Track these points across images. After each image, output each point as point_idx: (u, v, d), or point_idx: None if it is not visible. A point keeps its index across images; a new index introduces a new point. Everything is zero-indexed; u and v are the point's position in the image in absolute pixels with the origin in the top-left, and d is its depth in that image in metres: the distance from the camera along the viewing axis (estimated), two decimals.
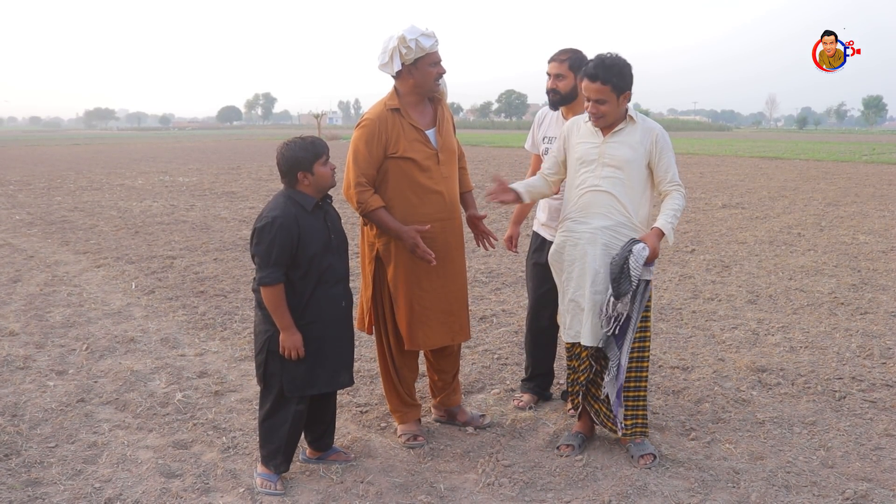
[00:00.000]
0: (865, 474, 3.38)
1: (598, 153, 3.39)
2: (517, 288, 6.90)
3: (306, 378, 3.20)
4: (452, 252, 3.65)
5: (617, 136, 3.39)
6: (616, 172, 3.36)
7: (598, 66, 3.28)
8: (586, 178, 3.40)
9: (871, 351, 5.10)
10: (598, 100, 3.30)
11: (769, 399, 4.27)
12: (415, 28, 3.41)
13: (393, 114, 3.51)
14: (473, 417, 3.92)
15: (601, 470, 3.42)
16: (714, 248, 9.01)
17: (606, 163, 3.37)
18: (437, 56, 3.49)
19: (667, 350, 5.13)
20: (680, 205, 3.41)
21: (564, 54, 3.88)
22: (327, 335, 3.24)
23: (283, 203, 3.14)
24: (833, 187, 16.39)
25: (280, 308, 3.10)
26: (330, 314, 3.24)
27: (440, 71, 3.51)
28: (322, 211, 3.24)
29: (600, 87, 3.28)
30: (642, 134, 3.39)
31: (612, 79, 3.27)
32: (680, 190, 3.44)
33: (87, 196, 14.72)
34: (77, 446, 3.65)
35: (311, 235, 3.14)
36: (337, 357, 3.30)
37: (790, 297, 6.57)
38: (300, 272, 3.14)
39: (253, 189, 16.01)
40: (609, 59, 3.31)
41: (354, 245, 7.28)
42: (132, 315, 6.01)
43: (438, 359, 3.84)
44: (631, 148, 3.37)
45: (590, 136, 3.45)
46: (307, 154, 3.14)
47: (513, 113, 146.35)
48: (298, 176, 3.15)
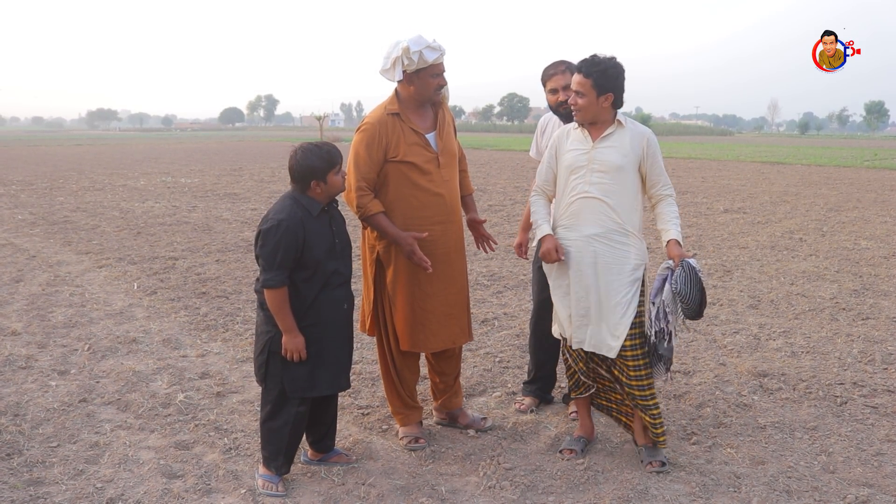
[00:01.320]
0: (867, 480, 3.38)
1: (588, 159, 3.39)
2: (519, 291, 6.91)
3: (307, 379, 3.21)
4: (453, 255, 3.66)
5: (606, 141, 3.39)
6: (606, 178, 3.35)
7: (585, 60, 3.36)
8: (576, 185, 3.41)
9: (873, 356, 5.10)
10: (577, 91, 3.35)
11: (770, 404, 4.27)
12: (421, 39, 3.42)
13: (393, 118, 3.52)
14: (475, 420, 3.92)
15: (602, 474, 3.42)
16: (716, 252, 9.01)
17: (596, 168, 3.37)
18: (439, 68, 3.50)
19: None
20: (676, 211, 3.46)
21: (562, 65, 3.92)
22: (329, 337, 3.24)
23: (290, 206, 3.15)
24: (835, 192, 16.39)
25: (283, 310, 3.11)
26: (332, 316, 3.24)
27: (441, 82, 3.53)
28: (327, 215, 3.24)
29: (581, 80, 3.33)
30: (632, 138, 3.39)
31: (593, 73, 3.30)
32: (672, 194, 3.47)
33: (90, 196, 14.74)
34: (79, 446, 3.65)
35: (316, 239, 3.14)
36: (338, 359, 3.31)
37: (792, 302, 6.57)
38: (304, 275, 3.14)
39: (255, 191, 16.03)
40: (600, 57, 3.35)
41: (356, 247, 7.31)
42: (134, 316, 6.02)
43: (439, 361, 3.85)
44: (621, 153, 3.37)
45: (579, 142, 3.46)
46: (323, 164, 3.14)
47: (515, 116, 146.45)
48: (311, 184, 3.16)
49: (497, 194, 15.27)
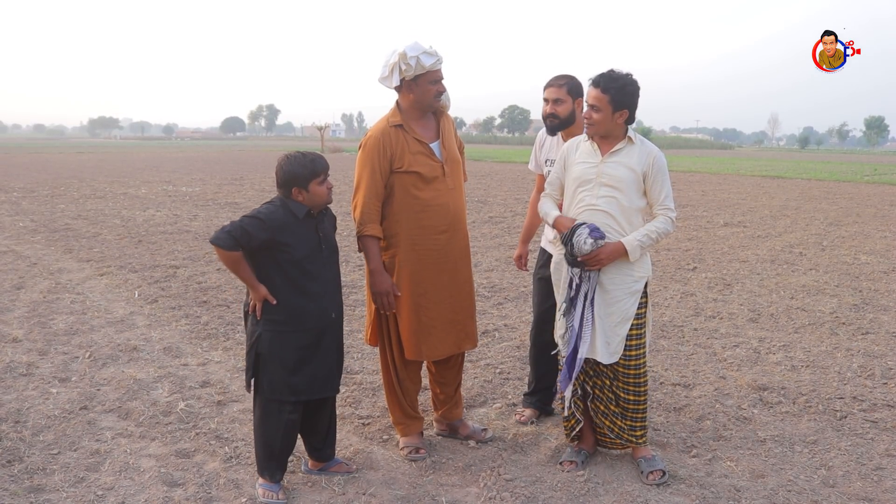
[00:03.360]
0: (866, 494, 3.38)
1: (596, 173, 3.41)
2: (519, 303, 6.92)
3: (285, 383, 3.20)
4: (459, 263, 3.68)
5: (615, 157, 3.42)
6: (613, 192, 3.38)
7: (603, 75, 3.36)
8: (584, 198, 3.43)
9: (873, 371, 5.10)
10: (593, 105, 3.36)
11: (770, 417, 4.28)
12: (417, 45, 3.44)
13: (396, 129, 3.54)
14: (475, 431, 3.93)
15: (602, 486, 3.42)
16: (716, 266, 9.03)
17: (604, 182, 3.39)
18: (437, 74, 3.51)
19: (668, 367, 5.14)
20: (659, 227, 3.40)
21: (562, 79, 3.91)
22: (314, 344, 3.24)
23: (275, 208, 3.17)
24: (835, 207, 16.42)
25: (238, 267, 3.11)
26: (316, 323, 3.24)
27: (440, 89, 3.54)
28: (314, 220, 3.25)
29: (598, 94, 3.34)
30: (640, 156, 3.41)
31: (611, 90, 3.32)
32: (668, 215, 3.42)
33: (91, 204, 14.76)
34: (80, 454, 3.65)
35: (298, 241, 3.16)
36: (324, 365, 3.30)
37: (791, 316, 6.58)
38: (285, 277, 3.16)
39: (256, 200, 16.04)
40: (617, 73, 3.36)
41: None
42: (135, 324, 6.03)
43: (441, 370, 3.86)
44: (629, 168, 3.39)
45: (588, 155, 3.48)
46: (305, 171, 3.16)
47: (515, 128, 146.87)
48: (293, 191, 3.18)
49: (497, 206, 15.30)
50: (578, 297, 3.42)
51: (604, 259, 3.33)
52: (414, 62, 3.42)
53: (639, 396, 3.50)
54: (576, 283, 3.42)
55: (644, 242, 3.36)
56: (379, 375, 4.87)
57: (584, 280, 3.39)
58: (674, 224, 3.45)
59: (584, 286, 3.40)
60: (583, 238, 3.28)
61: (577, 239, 3.29)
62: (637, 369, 3.48)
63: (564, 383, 3.51)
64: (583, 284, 3.40)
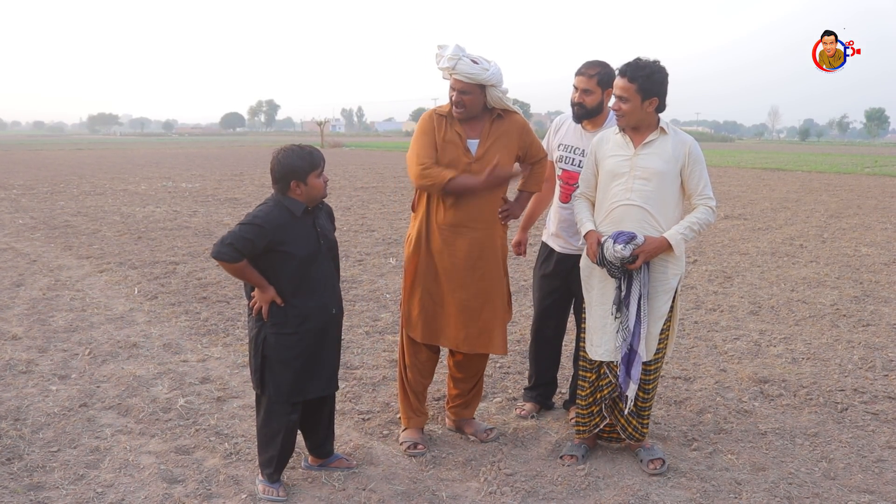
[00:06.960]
0: (867, 486, 3.37)
1: (630, 165, 3.34)
2: (519, 297, 6.91)
3: (293, 385, 3.19)
4: (476, 261, 3.60)
5: (648, 148, 3.35)
6: (648, 185, 3.30)
7: (629, 64, 3.29)
8: (618, 192, 3.36)
9: (874, 363, 5.10)
10: (621, 96, 3.30)
11: (771, 410, 4.27)
12: (450, 47, 3.51)
13: (440, 117, 3.62)
14: (479, 430, 3.90)
15: (603, 479, 3.42)
16: (716, 258, 9.01)
17: (638, 175, 3.32)
18: (455, 83, 3.51)
19: (669, 360, 5.13)
20: (701, 218, 3.33)
21: (593, 69, 3.76)
22: (318, 342, 3.23)
23: (271, 209, 3.13)
24: (835, 199, 16.41)
25: (245, 273, 3.10)
26: (318, 321, 3.22)
27: (454, 98, 3.53)
28: (311, 217, 3.23)
29: (625, 84, 3.27)
30: (674, 146, 3.34)
31: (638, 78, 3.25)
32: (708, 204, 3.35)
33: (91, 201, 14.75)
34: (79, 451, 3.65)
35: (298, 241, 3.13)
36: (327, 363, 3.30)
37: (792, 309, 6.57)
38: (286, 277, 3.13)
39: (256, 196, 16.03)
40: (644, 61, 3.29)
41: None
42: (135, 320, 6.02)
43: (456, 365, 3.86)
44: (663, 160, 3.32)
45: (620, 148, 3.41)
46: (303, 164, 3.12)
47: None
48: (291, 184, 3.13)
49: None
50: (631, 296, 3.32)
51: (648, 254, 3.26)
52: (438, 56, 3.53)
53: (652, 393, 3.49)
54: (625, 285, 3.33)
55: (687, 235, 3.30)
56: (379, 371, 4.88)
57: (636, 278, 3.31)
58: (714, 213, 3.39)
59: (636, 284, 3.31)
60: (612, 249, 3.22)
61: (607, 253, 3.24)
62: (657, 363, 3.46)
63: (626, 384, 3.41)
64: (633, 283, 3.31)
